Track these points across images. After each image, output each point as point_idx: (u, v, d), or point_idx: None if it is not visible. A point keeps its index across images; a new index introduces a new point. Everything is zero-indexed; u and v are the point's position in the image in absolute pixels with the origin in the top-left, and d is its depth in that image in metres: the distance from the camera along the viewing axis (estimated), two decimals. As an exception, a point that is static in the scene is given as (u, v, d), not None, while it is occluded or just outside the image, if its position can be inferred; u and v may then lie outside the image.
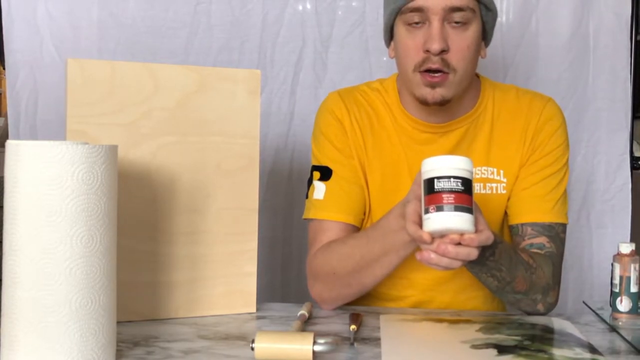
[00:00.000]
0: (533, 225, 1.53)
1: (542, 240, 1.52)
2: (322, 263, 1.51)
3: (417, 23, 1.43)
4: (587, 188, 2.16)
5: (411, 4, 1.42)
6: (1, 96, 6.16)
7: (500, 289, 1.42)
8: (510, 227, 1.57)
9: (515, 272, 1.39)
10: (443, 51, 1.41)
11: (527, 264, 1.42)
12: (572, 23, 2.12)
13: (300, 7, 2.11)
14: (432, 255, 1.21)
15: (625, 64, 2.13)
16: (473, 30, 1.44)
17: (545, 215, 1.53)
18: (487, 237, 1.21)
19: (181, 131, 1.38)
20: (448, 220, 1.17)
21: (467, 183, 1.18)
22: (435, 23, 1.41)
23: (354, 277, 1.46)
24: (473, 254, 1.21)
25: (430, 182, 1.19)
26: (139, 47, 2.08)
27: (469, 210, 1.17)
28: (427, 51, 1.42)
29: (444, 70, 1.42)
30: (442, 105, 1.47)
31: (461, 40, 1.43)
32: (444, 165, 1.19)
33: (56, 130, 2.03)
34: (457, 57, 1.43)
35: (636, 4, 2.14)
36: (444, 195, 1.17)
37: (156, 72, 1.36)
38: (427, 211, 1.18)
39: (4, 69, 2.11)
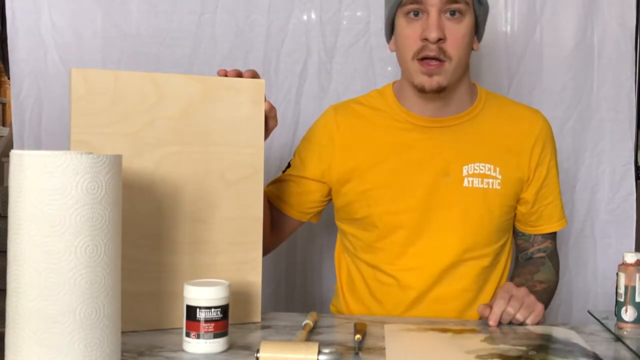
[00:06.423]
0: (545, 234, 1.72)
1: (547, 244, 1.74)
2: None
3: (415, 15, 1.56)
4: (591, 198, 2.16)
5: None
6: (6, 106, 6.18)
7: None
8: (521, 233, 1.74)
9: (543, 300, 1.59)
10: (440, 40, 1.53)
11: (544, 290, 1.64)
12: (577, 33, 2.12)
13: (305, 17, 2.12)
14: None
15: (629, 74, 2.12)
16: (467, 22, 1.57)
17: (557, 223, 1.73)
18: None
19: (185, 141, 1.38)
20: None
21: None
22: (433, 14, 1.53)
23: None
24: None
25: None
26: (143, 57, 2.09)
27: None
28: (425, 39, 1.54)
29: (441, 58, 1.54)
30: (439, 92, 1.58)
31: (456, 31, 1.55)
32: None
33: (60, 140, 2.03)
34: (453, 46, 1.55)
35: (641, 14, 2.14)
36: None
37: (160, 82, 1.36)
38: None
39: (8, 79, 2.11)
